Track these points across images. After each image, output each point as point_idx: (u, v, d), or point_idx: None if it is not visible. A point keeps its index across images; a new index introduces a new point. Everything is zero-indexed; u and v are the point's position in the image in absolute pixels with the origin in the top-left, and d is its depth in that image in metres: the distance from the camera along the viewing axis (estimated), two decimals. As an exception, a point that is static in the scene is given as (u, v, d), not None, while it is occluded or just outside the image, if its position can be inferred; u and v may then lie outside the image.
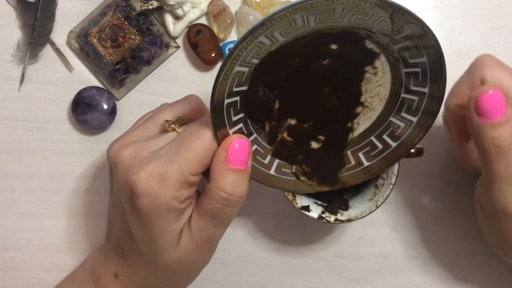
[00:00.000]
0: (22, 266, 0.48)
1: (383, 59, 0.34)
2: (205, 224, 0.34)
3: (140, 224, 0.33)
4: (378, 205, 0.40)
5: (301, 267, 0.47)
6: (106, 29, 0.46)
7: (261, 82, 0.34)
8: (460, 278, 0.46)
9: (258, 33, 0.29)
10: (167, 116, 0.37)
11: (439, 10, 0.47)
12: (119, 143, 0.36)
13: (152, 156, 0.33)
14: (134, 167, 0.33)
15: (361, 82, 0.35)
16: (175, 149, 0.33)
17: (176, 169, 0.32)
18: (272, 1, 0.47)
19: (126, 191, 0.33)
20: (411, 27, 0.30)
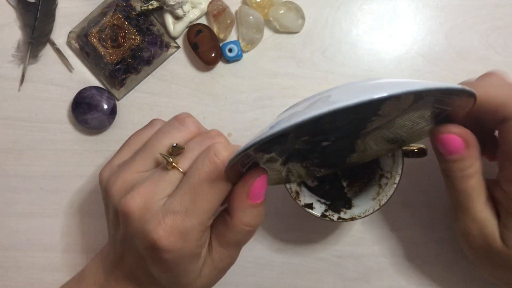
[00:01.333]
0: (22, 266, 0.48)
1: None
2: (228, 252, 0.35)
3: (163, 270, 0.33)
4: (381, 204, 0.40)
5: (301, 267, 0.47)
6: (106, 29, 0.46)
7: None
8: (460, 278, 0.46)
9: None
10: (162, 145, 0.35)
11: (439, 10, 0.47)
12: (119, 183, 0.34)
13: (166, 210, 0.32)
14: (149, 222, 0.32)
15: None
16: (189, 201, 0.32)
17: (196, 222, 0.32)
18: (272, 1, 0.47)
19: (145, 244, 0.32)
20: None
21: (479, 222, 0.36)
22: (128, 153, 0.37)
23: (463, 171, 0.35)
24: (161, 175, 0.34)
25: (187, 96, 0.48)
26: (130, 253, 0.35)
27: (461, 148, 0.34)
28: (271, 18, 0.47)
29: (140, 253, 0.34)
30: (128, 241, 0.34)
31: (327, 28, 0.48)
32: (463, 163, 0.34)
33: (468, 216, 0.36)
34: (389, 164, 0.41)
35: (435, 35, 0.47)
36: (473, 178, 0.35)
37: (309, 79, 0.47)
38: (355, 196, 0.43)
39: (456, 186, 0.35)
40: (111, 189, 0.34)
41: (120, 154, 0.37)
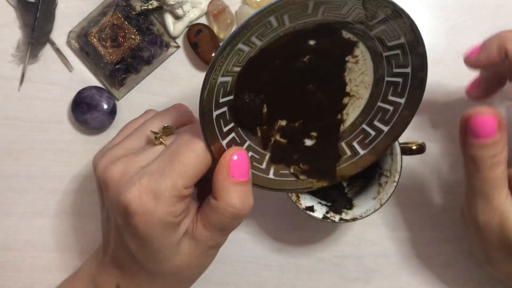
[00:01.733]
0: (22, 266, 0.48)
1: (362, 47, 0.34)
2: (212, 235, 0.34)
3: (137, 241, 0.33)
4: (382, 203, 0.40)
5: (301, 267, 0.47)
6: (106, 29, 0.46)
7: (246, 89, 0.34)
8: (460, 278, 0.46)
9: (236, 42, 0.29)
10: (154, 127, 0.36)
11: (439, 10, 0.47)
12: (106, 158, 0.35)
13: (142, 172, 0.32)
14: (124, 185, 0.32)
15: (343, 73, 0.35)
16: (166, 163, 0.32)
17: (169, 184, 0.31)
18: (272, 1, 0.47)
19: (119, 210, 0.32)
20: (384, 10, 0.30)
21: (499, 213, 0.34)
22: (120, 138, 0.38)
23: (493, 157, 0.33)
24: (147, 148, 0.34)
25: (187, 96, 0.48)
26: (111, 229, 0.35)
27: (494, 131, 0.33)
28: (271, 18, 0.47)
29: (119, 226, 0.34)
30: (109, 215, 0.35)
31: (327, 28, 0.48)
32: (495, 149, 0.33)
33: (490, 207, 0.34)
34: (388, 162, 0.41)
35: (435, 35, 0.47)
36: (501, 166, 0.34)
37: (309, 79, 0.47)
38: (356, 196, 0.43)
39: (484, 175, 0.34)
40: (97, 164, 0.35)
41: (113, 140, 0.38)
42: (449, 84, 0.47)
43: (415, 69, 0.34)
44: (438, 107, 0.47)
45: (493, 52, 0.37)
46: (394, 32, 0.32)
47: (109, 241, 0.36)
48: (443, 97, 0.47)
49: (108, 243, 0.37)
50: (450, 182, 0.47)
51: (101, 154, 0.36)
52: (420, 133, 0.47)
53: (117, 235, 0.35)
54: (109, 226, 0.36)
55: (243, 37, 0.29)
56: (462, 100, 0.47)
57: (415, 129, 0.47)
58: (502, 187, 0.34)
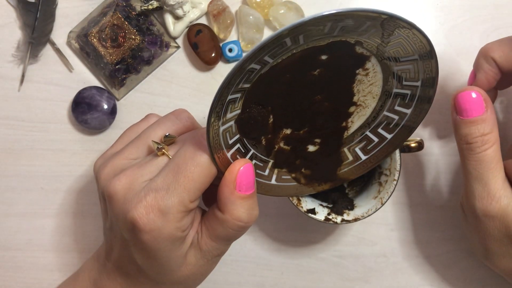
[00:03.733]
0: (22, 266, 0.48)
1: (373, 60, 0.34)
2: (217, 245, 0.35)
3: (145, 255, 0.33)
4: (383, 202, 0.40)
5: (301, 267, 0.47)
6: (106, 29, 0.46)
7: (254, 102, 0.33)
8: (460, 278, 0.46)
9: (248, 63, 0.29)
10: (156, 135, 0.35)
11: (439, 10, 0.47)
12: (109, 168, 0.34)
13: (148, 188, 0.32)
14: (131, 201, 0.32)
15: (352, 84, 0.35)
16: (172, 178, 0.32)
17: (176, 201, 0.31)
18: (272, 1, 0.47)
19: (126, 225, 0.32)
20: (402, 31, 0.30)
21: (498, 200, 0.34)
22: (121, 145, 0.37)
23: (484, 136, 0.34)
24: (150, 160, 0.34)
25: (187, 96, 0.48)
26: (116, 240, 0.35)
27: (482, 108, 0.33)
28: (271, 18, 0.47)
29: (124, 239, 0.34)
30: (114, 226, 0.34)
31: (327, 28, 0.48)
32: (484, 126, 0.33)
33: (487, 191, 0.34)
34: (387, 161, 0.41)
35: (435, 35, 0.47)
36: (493, 147, 0.34)
37: (309, 79, 0.47)
38: (356, 196, 0.43)
39: (476, 155, 0.34)
40: (100, 174, 0.35)
41: (114, 146, 0.38)
42: (449, 84, 0.47)
43: (424, 83, 0.34)
44: (438, 107, 0.47)
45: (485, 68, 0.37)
46: (409, 49, 0.32)
47: (113, 249, 0.36)
48: (443, 97, 0.47)
49: (112, 250, 0.36)
50: (450, 182, 0.47)
51: (102, 161, 0.36)
52: (420, 133, 0.47)
53: (122, 246, 0.35)
54: (113, 236, 0.35)
55: (256, 58, 0.29)
56: (462, 100, 0.47)
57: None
58: (497, 169, 0.34)
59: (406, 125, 0.37)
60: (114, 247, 0.36)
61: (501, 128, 0.37)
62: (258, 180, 0.37)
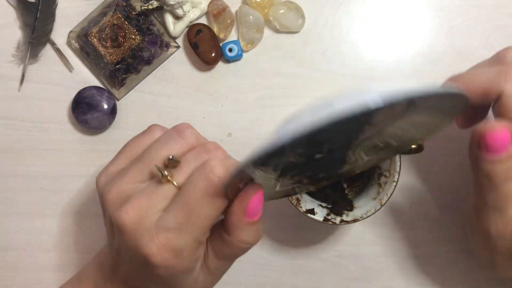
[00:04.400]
0: (22, 266, 0.48)
1: None
2: (224, 263, 0.35)
3: (157, 282, 0.33)
4: (382, 203, 0.40)
5: (301, 267, 0.47)
6: (106, 29, 0.46)
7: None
8: (460, 278, 0.46)
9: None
10: (158, 156, 0.34)
11: (439, 10, 0.47)
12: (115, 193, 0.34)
13: (159, 226, 0.32)
14: (142, 237, 0.31)
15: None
16: (184, 218, 0.31)
17: (189, 240, 0.31)
18: (272, 1, 0.47)
19: (138, 258, 0.32)
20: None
21: None
22: (124, 160, 0.37)
23: (508, 171, 0.33)
24: (156, 189, 0.33)
25: (187, 96, 0.48)
26: (125, 263, 0.35)
27: (507, 144, 0.32)
28: (271, 18, 0.47)
29: (135, 265, 0.34)
30: (123, 252, 0.34)
31: (327, 28, 0.48)
32: (509, 163, 0.33)
33: (502, 219, 0.34)
34: (387, 162, 0.41)
35: (435, 35, 0.47)
36: None
37: (309, 79, 0.47)
38: (356, 197, 0.43)
39: (498, 190, 0.33)
40: (106, 198, 0.34)
41: (116, 161, 0.37)
42: (449, 84, 0.47)
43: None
44: (438, 107, 0.47)
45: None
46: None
47: (120, 266, 0.36)
48: (443, 97, 0.47)
49: (119, 267, 0.36)
50: (450, 182, 0.47)
51: (106, 180, 0.35)
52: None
53: (131, 269, 0.35)
54: (121, 258, 0.35)
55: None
56: (462, 100, 0.47)
57: (415, 129, 0.47)
58: None
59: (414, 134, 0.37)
60: (123, 267, 0.35)
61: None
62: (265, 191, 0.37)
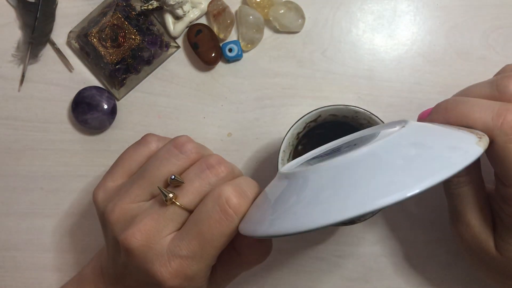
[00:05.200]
0: (22, 266, 0.48)
1: None
2: (231, 278, 0.36)
3: None
4: None
5: (301, 267, 0.47)
6: (106, 29, 0.46)
7: None
8: (460, 278, 0.46)
9: None
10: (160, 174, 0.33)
11: (439, 10, 0.47)
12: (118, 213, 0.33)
13: (172, 253, 0.32)
14: (153, 262, 0.32)
15: None
16: (197, 246, 0.31)
17: (202, 266, 0.32)
18: (272, 1, 0.47)
19: (149, 280, 0.32)
20: None
21: (472, 228, 0.36)
22: (121, 174, 0.36)
23: (458, 177, 0.35)
24: (161, 211, 0.33)
25: (187, 96, 0.48)
26: (132, 277, 0.35)
27: None
28: (271, 18, 0.47)
29: (144, 283, 0.34)
30: (132, 270, 0.34)
31: (327, 28, 0.48)
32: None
33: (462, 222, 0.36)
34: None
35: (435, 35, 0.47)
36: (468, 186, 0.35)
37: (309, 79, 0.47)
38: None
39: (451, 191, 0.36)
40: (109, 218, 0.34)
41: (113, 175, 0.36)
42: (449, 84, 0.47)
43: None
44: (438, 107, 0.47)
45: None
46: None
47: (125, 278, 0.35)
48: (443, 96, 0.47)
49: (124, 278, 0.36)
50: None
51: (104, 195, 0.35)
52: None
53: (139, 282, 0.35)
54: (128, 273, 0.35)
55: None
56: (462, 100, 0.47)
57: (415, 129, 0.47)
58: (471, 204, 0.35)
59: None
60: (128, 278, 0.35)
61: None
62: None
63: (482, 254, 0.36)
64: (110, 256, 0.36)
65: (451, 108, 0.33)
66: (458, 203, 0.36)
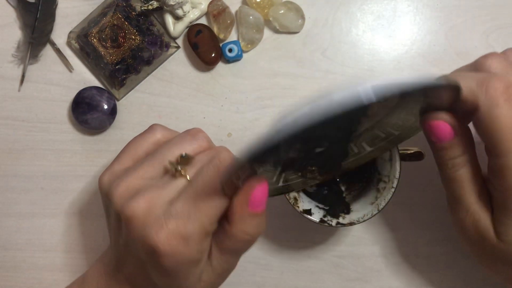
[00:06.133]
0: (22, 266, 0.48)
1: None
2: (227, 259, 0.35)
3: (163, 275, 0.33)
4: (379, 208, 0.40)
5: (301, 267, 0.47)
6: (106, 29, 0.46)
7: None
8: (460, 278, 0.46)
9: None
10: (172, 154, 0.34)
11: (439, 10, 0.47)
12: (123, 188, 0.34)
13: (169, 214, 0.32)
14: (151, 227, 0.32)
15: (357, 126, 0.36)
16: (192, 205, 0.32)
17: (197, 227, 0.32)
18: (272, 1, 0.47)
19: (145, 249, 0.32)
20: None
21: (472, 214, 0.35)
22: (128, 159, 0.37)
23: (453, 159, 0.35)
24: (168, 182, 0.34)
25: (187, 96, 0.48)
26: (131, 257, 0.35)
27: (450, 135, 0.34)
28: (271, 18, 0.47)
29: (141, 258, 0.34)
30: (130, 245, 0.34)
31: (327, 28, 0.48)
32: (453, 151, 0.34)
33: (461, 207, 0.36)
34: (386, 168, 0.41)
35: (435, 35, 0.47)
36: (465, 168, 0.35)
37: (309, 79, 0.47)
38: (354, 200, 0.43)
39: (448, 175, 0.35)
40: (113, 193, 0.34)
41: (120, 160, 0.37)
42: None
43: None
44: (438, 107, 0.47)
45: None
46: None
47: (126, 263, 0.36)
48: (443, 97, 0.47)
49: (124, 264, 0.36)
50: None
51: (111, 178, 0.35)
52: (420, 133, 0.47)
53: (138, 264, 0.35)
54: (127, 253, 0.35)
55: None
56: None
57: (415, 129, 0.47)
58: (470, 186, 0.35)
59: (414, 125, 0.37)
60: (128, 262, 0.35)
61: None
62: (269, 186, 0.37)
63: (484, 243, 0.35)
64: (113, 243, 0.37)
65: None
66: (457, 187, 0.35)
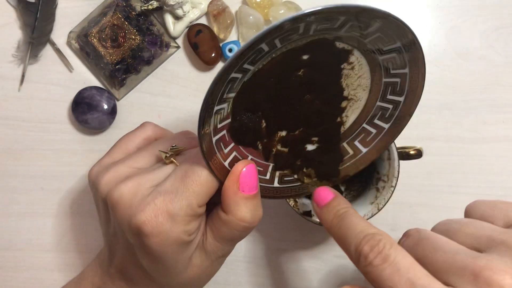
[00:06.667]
0: (22, 266, 0.48)
1: (357, 53, 0.34)
2: (222, 246, 0.35)
3: (151, 259, 0.33)
4: (379, 208, 0.40)
5: (301, 267, 0.47)
6: (106, 29, 0.46)
7: (243, 110, 0.34)
8: (460, 278, 0.46)
9: (228, 73, 0.29)
10: (164, 148, 0.35)
11: (439, 10, 0.47)
12: (111, 175, 0.34)
13: (156, 192, 0.32)
14: (138, 205, 0.31)
15: (340, 79, 0.35)
16: (180, 182, 0.32)
17: (184, 204, 0.31)
18: (272, 1, 0.47)
19: (132, 230, 0.32)
20: (378, 21, 0.30)
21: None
22: (119, 153, 0.37)
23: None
24: (158, 167, 0.34)
25: (187, 96, 0.48)
26: (120, 245, 0.35)
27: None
28: (271, 18, 0.47)
29: (129, 243, 0.33)
30: (118, 232, 0.34)
31: (327, 28, 0.48)
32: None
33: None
34: (385, 167, 0.41)
35: (435, 35, 0.47)
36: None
37: (309, 79, 0.47)
38: (353, 200, 0.43)
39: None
40: (100, 181, 0.34)
41: (110, 154, 0.37)
42: (449, 84, 0.47)
43: (412, 69, 0.34)
44: (438, 107, 0.47)
45: None
46: (390, 38, 0.32)
47: (115, 254, 0.36)
48: (443, 96, 0.47)
49: (114, 255, 0.36)
50: (450, 182, 0.47)
51: (100, 168, 0.35)
52: (420, 133, 0.47)
53: (126, 250, 0.35)
54: (116, 241, 0.35)
55: (235, 67, 0.29)
56: (462, 100, 0.47)
57: (414, 128, 0.47)
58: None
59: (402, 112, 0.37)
60: (117, 252, 0.35)
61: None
62: (261, 184, 0.37)
63: None
64: (103, 235, 0.37)
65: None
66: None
